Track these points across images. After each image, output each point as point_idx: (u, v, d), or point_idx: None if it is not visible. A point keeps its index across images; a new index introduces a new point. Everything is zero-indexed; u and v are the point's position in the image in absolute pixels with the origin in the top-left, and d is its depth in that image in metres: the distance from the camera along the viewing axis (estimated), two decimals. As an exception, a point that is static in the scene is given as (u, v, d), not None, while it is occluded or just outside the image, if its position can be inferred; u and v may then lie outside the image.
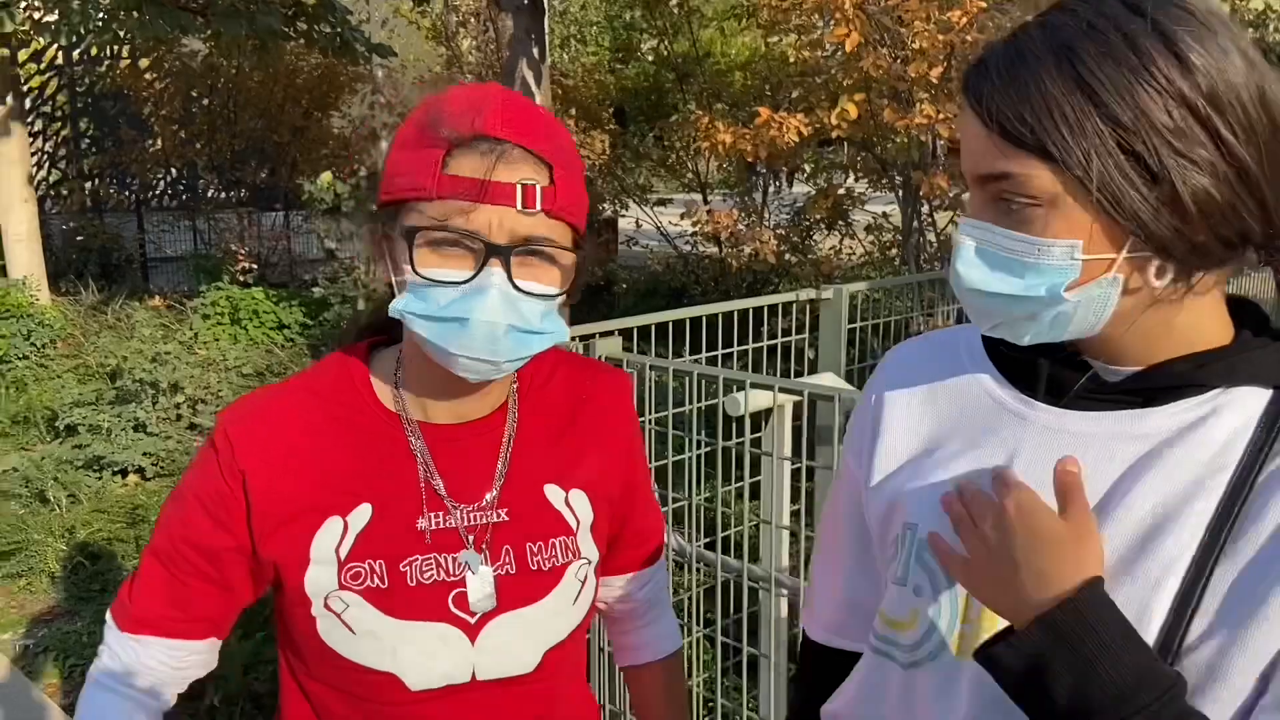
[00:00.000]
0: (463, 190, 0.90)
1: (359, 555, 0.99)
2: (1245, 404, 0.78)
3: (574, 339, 2.30)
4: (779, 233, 7.67)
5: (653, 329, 2.54)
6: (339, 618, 0.98)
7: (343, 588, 0.98)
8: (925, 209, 6.22)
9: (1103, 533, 0.77)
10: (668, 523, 2.43)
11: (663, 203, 9.58)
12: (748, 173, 9.54)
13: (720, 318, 2.73)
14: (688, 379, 2.12)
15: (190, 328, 6.68)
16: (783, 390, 1.94)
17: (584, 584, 1.08)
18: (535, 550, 1.04)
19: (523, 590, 1.03)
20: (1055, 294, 0.76)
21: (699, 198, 9.21)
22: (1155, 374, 0.80)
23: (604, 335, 2.27)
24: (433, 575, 1.00)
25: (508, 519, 1.04)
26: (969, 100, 0.78)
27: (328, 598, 0.98)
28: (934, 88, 4.97)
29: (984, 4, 4.61)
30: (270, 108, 10.14)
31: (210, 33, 7.16)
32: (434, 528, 1.01)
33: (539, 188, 0.91)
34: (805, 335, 3.14)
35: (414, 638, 0.99)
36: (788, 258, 7.63)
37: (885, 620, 0.91)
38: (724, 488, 2.27)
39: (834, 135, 5.42)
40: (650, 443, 2.24)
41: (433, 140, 0.92)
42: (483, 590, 1.01)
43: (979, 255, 0.79)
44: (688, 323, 2.61)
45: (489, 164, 0.90)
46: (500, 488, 1.05)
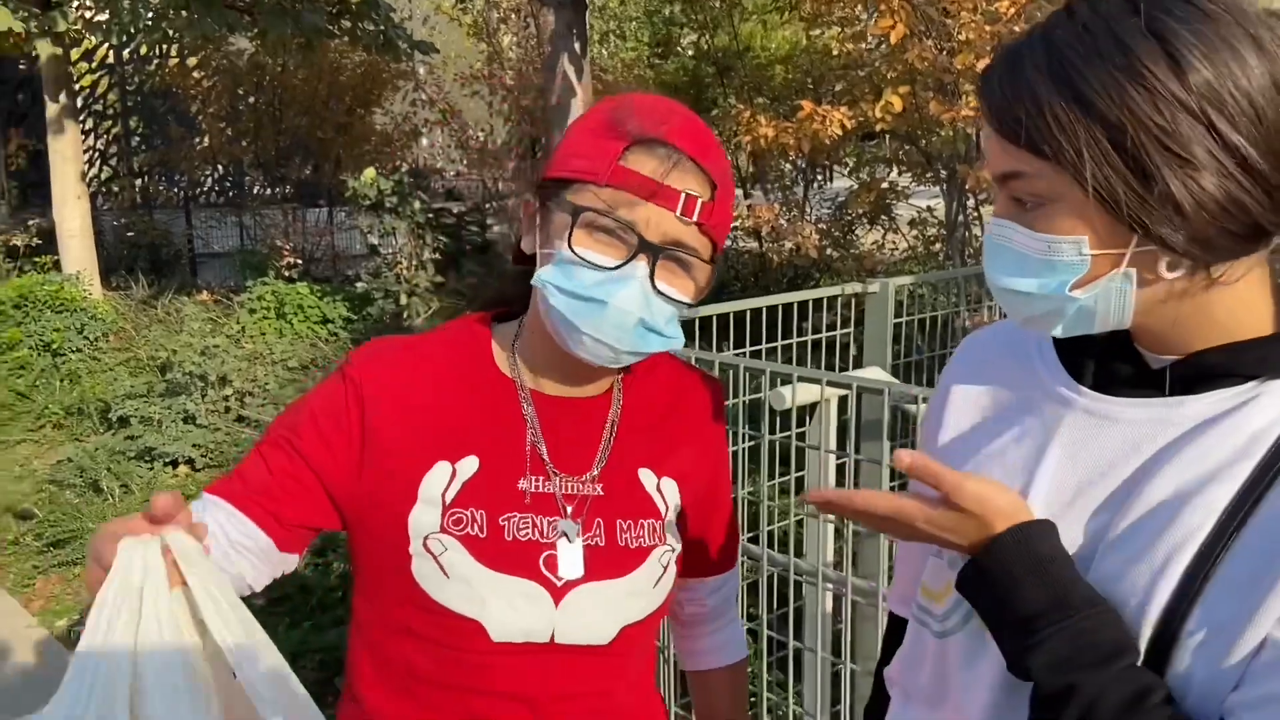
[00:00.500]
0: (635, 185, 0.97)
1: (462, 503, 1.04)
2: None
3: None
4: (820, 227, 7.62)
5: (696, 323, 2.54)
6: (436, 560, 1.02)
7: (444, 530, 1.02)
8: (971, 202, 6.15)
9: (1125, 513, 0.79)
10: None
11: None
12: (794, 168, 9.47)
13: (764, 312, 2.72)
14: (731, 373, 2.12)
15: (237, 322, 6.78)
16: (830, 384, 1.94)
17: (665, 570, 1.11)
18: (625, 528, 1.09)
19: (609, 564, 1.07)
20: (1061, 290, 0.79)
21: (740, 192, 9.17)
22: (1190, 363, 0.81)
23: (649, 329, 2.27)
24: (528, 534, 1.04)
25: (602, 494, 1.09)
26: (981, 104, 0.83)
27: (427, 538, 1.02)
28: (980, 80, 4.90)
29: (1032, -6, 4.54)
30: (314, 105, 10.26)
31: (257, 31, 7.26)
32: (534, 490, 1.06)
33: (700, 201, 0.99)
34: (849, 330, 3.12)
35: (503, 590, 1.02)
36: (829, 252, 7.58)
37: (924, 591, 0.95)
38: (768, 482, 2.26)
39: (878, 128, 5.36)
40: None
41: (618, 133, 0.99)
42: (573, 559, 1.05)
43: (1003, 253, 0.82)
44: (731, 317, 2.61)
45: (665, 168, 0.98)
46: (601, 465, 1.10)
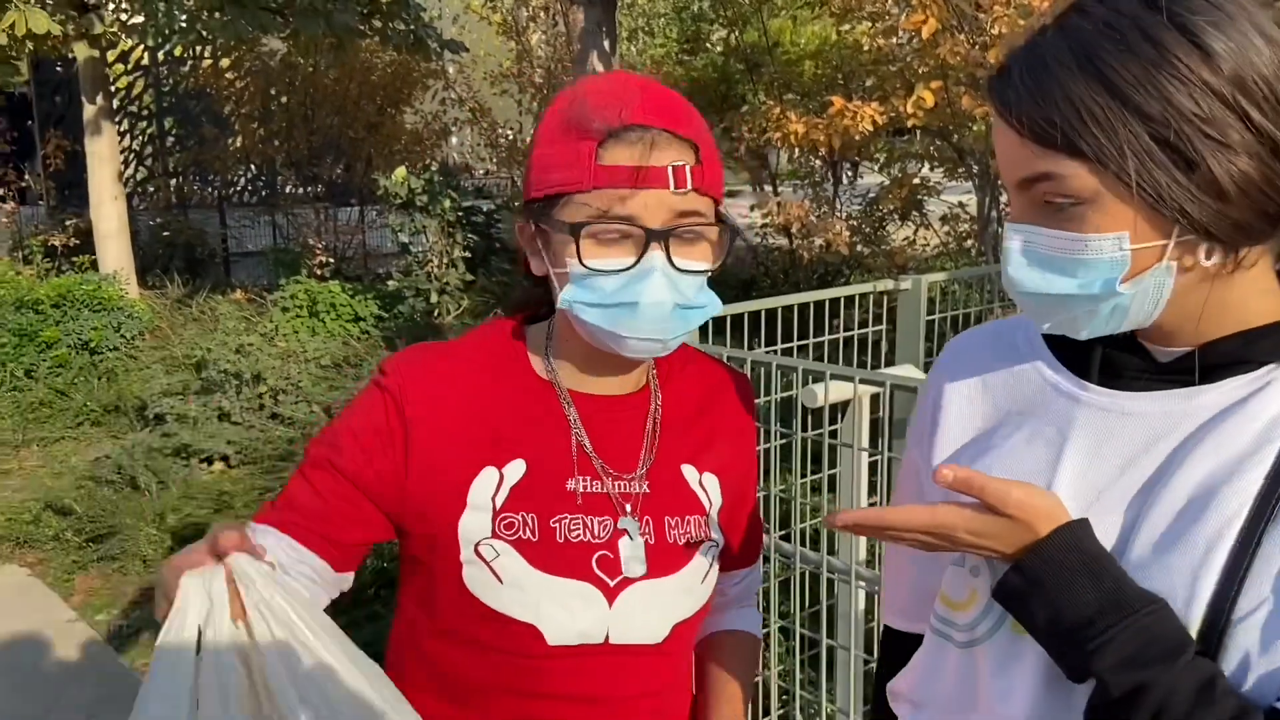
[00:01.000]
0: (621, 179, 0.95)
1: (513, 507, 1.03)
2: None
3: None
4: (851, 224, 7.58)
5: (728, 320, 2.54)
6: (488, 565, 1.01)
7: (495, 536, 1.01)
8: (1004, 198, 6.09)
9: (1154, 506, 0.79)
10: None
11: (731, 194, 9.54)
12: (824, 164, 9.43)
13: (795, 310, 2.71)
14: (763, 370, 2.11)
15: (270, 320, 6.85)
16: (864, 382, 1.93)
17: (711, 565, 1.10)
18: (673, 524, 1.08)
19: (659, 561, 1.06)
20: (1110, 287, 0.78)
21: (769, 189, 9.14)
22: (1207, 352, 0.82)
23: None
24: (580, 535, 1.03)
25: (649, 491, 1.08)
26: (997, 108, 0.81)
27: (479, 545, 1.01)
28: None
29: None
30: (346, 105, 10.33)
31: (289, 32, 7.32)
32: (583, 490, 1.05)
33: (688, 168, 0.96)
34: (880, 328, 3.10)
35: (557, 593, 1.01)
36: (860, 249, 7.54)
37: (945, 601, 0.93)
38: (800, 480, 2.26)
39: (909, 124, 5.32)
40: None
41: (585, 132, 0.96)
42: (637, 555, 1.05)
43: (1029, 258, 0.81)
44: (763, 314, 2.60)
45: (642, 151, 0.95)
46: (648, 464, 1.09)
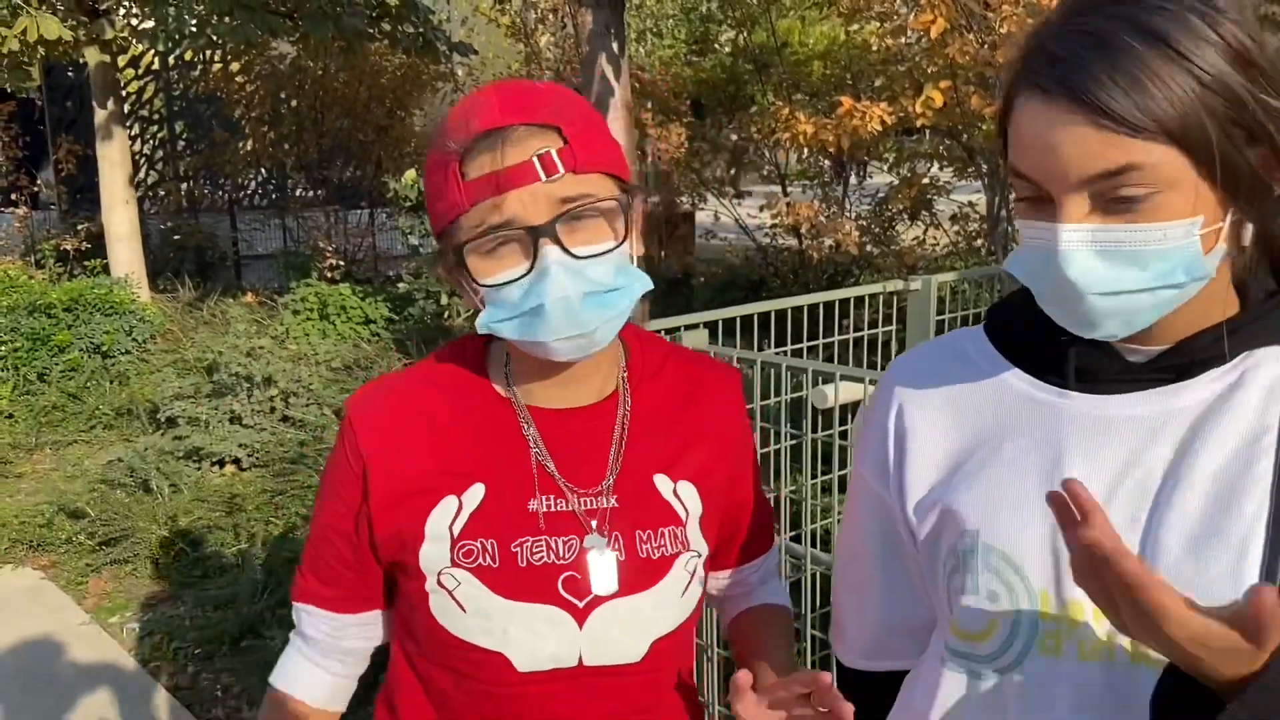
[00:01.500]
0: (485, 187, 0.91)
1: (471, 533, 1.01)
2: (1268, 365, 0.82)
3: (660, 332, 2.31)
4: (861, 224, 7.56)
5: (737, 321, 2.54)
6: (450, 595, 1.01)
7: (455, 564, 1.01)
8: (1013, 196, 6.07)
9: (1173, 508, 0.79)
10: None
11: (741, 195, 9.52)
12: (833, 164, 9.42)
13: (804, 310, 2.70)
14: (773, 371, 2.11)
15: (281, 323, 6.86)
16: (874, 383, 1.92)
17: (693, 576, 1.07)
18: (645, 538, 1.04)
19: (632, 578, 1.03)
20: (1194, 274, 0.76)
21: (778, 189, 9.14)
22: (1186, 348, 0.82)
23: (689, 328, 2.28)
24: (543, 557, 1.01)
25: (618, 505, 1.04)
26: (1063, 99, 0.75)
27: (440, 574, 1.01)
28: (1022, 73, 4.83)
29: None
30: (355, 108, 10.36)
31: (298, 35, 7.35)
32: (546, 510, 1.03)
33: (553, 151, 0.92)
34: (890, 328, 3.09)
35: (523, 618, 1.00)
36: (870, 249, 7.52)
37: (960, 634, 0.88)
38: (810, 481, 2.25)
39: (919, 124, 5.31)
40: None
41: (446, 158, 0.94)
42: (607, 573, 1.02)
43: (1102, 257, 0.76)
44: (773, 315, 2.60)
45: (498, 150, 0.91)
46: (614, 475, 1.05)
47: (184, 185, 11.28)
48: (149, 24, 7.51)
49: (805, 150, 7.24)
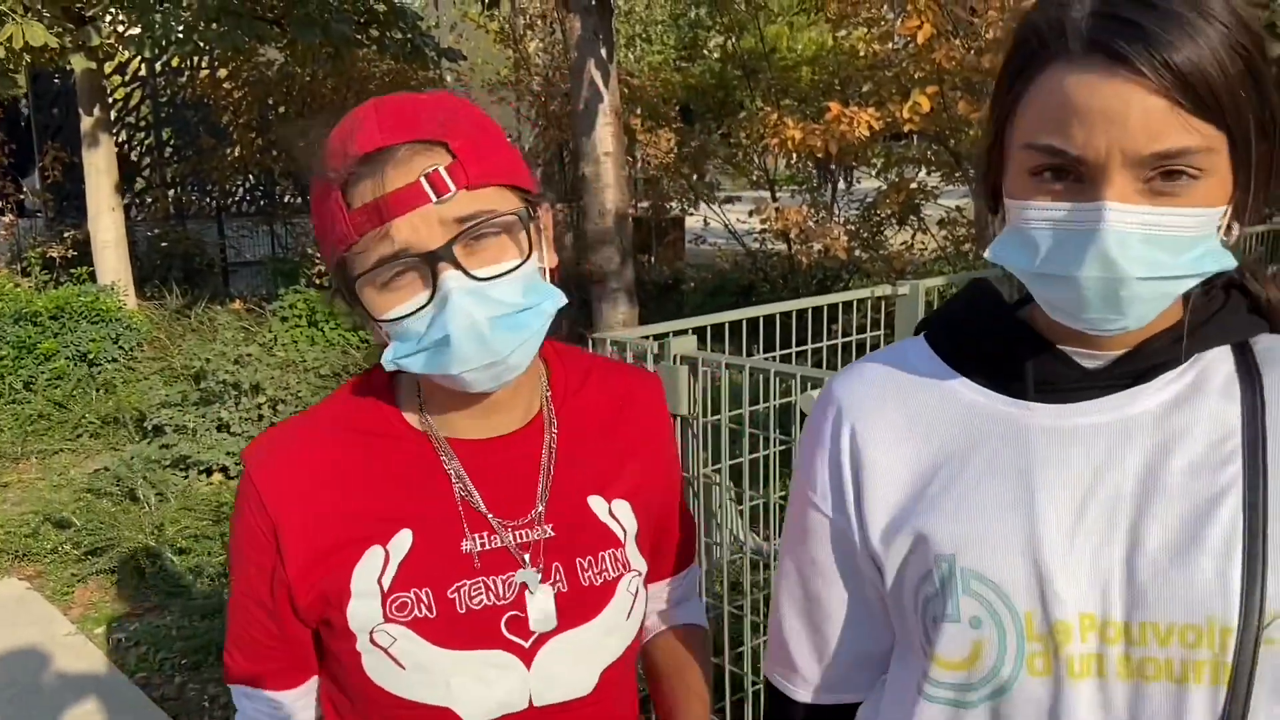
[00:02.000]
0: (371, 216, 0.84)
1: (403, 584, 0.94)
2: (1218, 365, 0.82)
3: (649, 338, 2.30)
4: (849, 229, 7.58)
5: (726, 327, 2.54)
6: (386, 652, 0.94)
7: (389, 620, 0.93)
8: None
9: (1153, 516, 0.77)
10: (744, 521, 2.41)
11: (730, 200, 9.55)
12: (817, 169, 9.45)
13: (793, 315, 2.71)
14: (762, 377, 2.11)
15: (269, 330, 6.84)
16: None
17: (635, 597, 1.02)
18: (585, 565, 0.99)
19: (577, 609, 0.98)
20: (1220, 263, 0.75)
21: (767, 195, 9.15)
22: (1145, 352, 0.81)
23: (678, 334, 2.27)
24: (482, 600, 0.95)
25: (554, 534, 0.99)
26: (1127, 67, 0.70)
27: (373, 632, 0.94)
28: (1009, 78, 4.86)
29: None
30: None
31: (286, 41, 7.33)
32: (480, 549, 0.96)
33: (442, 168, 0.85)
34: (879, 333, 3.10)
35: (467, 667, 0.94)
36: (858, 254, 7.54)
37: (943, 665, 0.83)
38: (800, 486, 2.25)
39: (906, 129, 5.33)
40: (724, 441, 2.23)
41: (328, 187, 0.87)
42: (544, 609, 0.96)
43: (1148, 243, 0.72)
44: (762, 320, 2.60)
45: (380, 175, 0.85)
46: (545, 503, 0.99)
47: (171, 192, 11.24)
48: (135, 30, 7.48)
49: (794, 155, 7.25)
